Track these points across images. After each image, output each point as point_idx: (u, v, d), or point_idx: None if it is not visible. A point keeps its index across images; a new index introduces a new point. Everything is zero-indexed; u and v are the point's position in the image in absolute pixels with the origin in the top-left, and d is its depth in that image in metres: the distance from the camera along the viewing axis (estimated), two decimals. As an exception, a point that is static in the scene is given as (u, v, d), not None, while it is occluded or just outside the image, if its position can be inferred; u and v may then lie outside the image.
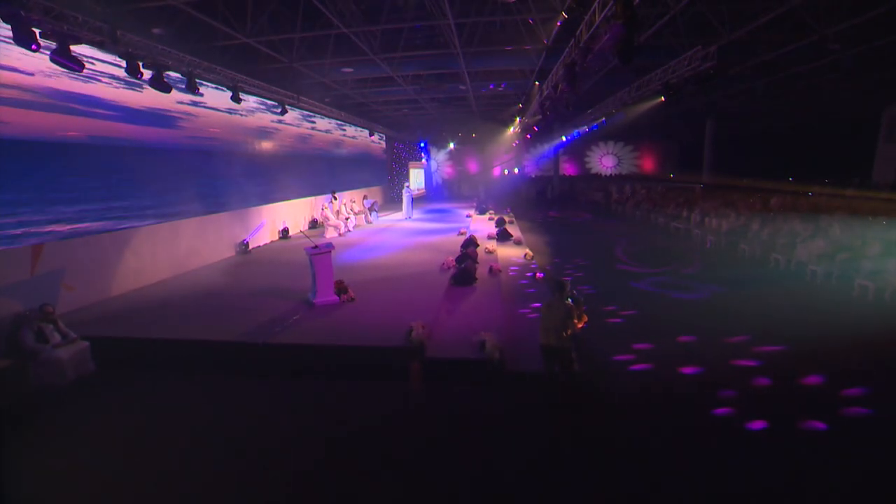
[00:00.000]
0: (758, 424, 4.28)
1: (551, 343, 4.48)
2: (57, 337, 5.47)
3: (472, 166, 30.65)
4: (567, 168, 33.04)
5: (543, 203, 24.49)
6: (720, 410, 4.54)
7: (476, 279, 8.30)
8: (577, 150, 32.12)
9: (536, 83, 11.62)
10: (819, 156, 20.76)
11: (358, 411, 4.58)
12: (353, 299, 6.98)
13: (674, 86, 8.71)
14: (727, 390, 4.88)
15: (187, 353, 5.65)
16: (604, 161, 33.84)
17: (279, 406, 4.78)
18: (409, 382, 4.94)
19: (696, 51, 7.96)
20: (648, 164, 33.68)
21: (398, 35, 11.12)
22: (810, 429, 4.20)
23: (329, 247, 6.90)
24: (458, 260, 9.10)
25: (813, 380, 5.08)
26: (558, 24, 9.25)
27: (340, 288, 7.04)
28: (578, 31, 6.81)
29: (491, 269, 8.99)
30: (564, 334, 4.44)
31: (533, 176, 30.37)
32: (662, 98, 9.28)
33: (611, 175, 33.23)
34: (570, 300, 4.57)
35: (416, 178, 25.43)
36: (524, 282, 8.73)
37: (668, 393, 4.88)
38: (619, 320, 7.10)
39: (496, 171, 30.84)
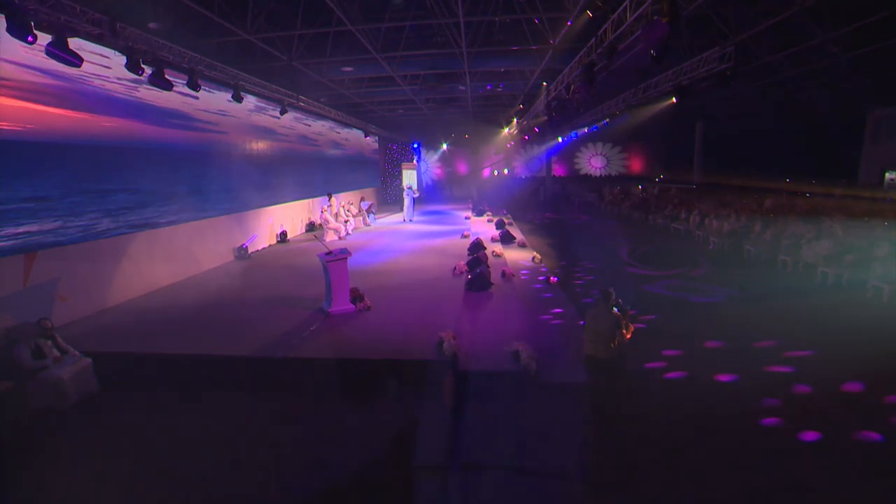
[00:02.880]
0: (811, 436, 4.16)
1: (599, 355, 4.28)
2: (56, 354, 5.05)
3: (463, 167, 30.48)
4: (557, 169, 33.11)
5: (537, 204, 24.42)
6: (768, 420, 4.41)
7: (492, 284, 8.08)
8: (567, 151, 32.23)
9: (544, 84, 11.49)
10: (806, 157, 21.17)
11: (390, 431, 4.29)
12: (369, 308, 6.69)
13: (686, 87, 8.63)
14: (770, 399, 4.76)
15: (199, 369, 5.28)
16: (593, 162, 33.99)
17: (302, 427, 4.46)
18: (444, 397, 4.68)
19: (712, 52, 7.89)
20: (637, 165, 33.97)
21: (399, 34, 10.85)
22: (866, 440, 4.09)
23: (344, 253, 6.59)
24: (471, 264, 8.86)
25: (853, 387, 4.99)
26: (568, 23, 9.11)
27: (356, 296, 6.74)
28: (602, 31, 6.65)
29: (504, 274, 8.77)
30: (612, 345, 4.25)
31: (524, 177, 30.35)
32: (674, 100, 9.21)
33: (601, 176, 33.41)
34: (615, 309, 4.39)
35: (408, 179, 25.15)
36: (538, 286, 8.54)
37: (711, 403, 4.72)
38: (641, 325, 6.94)
39: (486, 173, 30.74)
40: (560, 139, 22.81)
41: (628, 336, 4.31)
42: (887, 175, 20.32)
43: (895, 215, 11.48)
